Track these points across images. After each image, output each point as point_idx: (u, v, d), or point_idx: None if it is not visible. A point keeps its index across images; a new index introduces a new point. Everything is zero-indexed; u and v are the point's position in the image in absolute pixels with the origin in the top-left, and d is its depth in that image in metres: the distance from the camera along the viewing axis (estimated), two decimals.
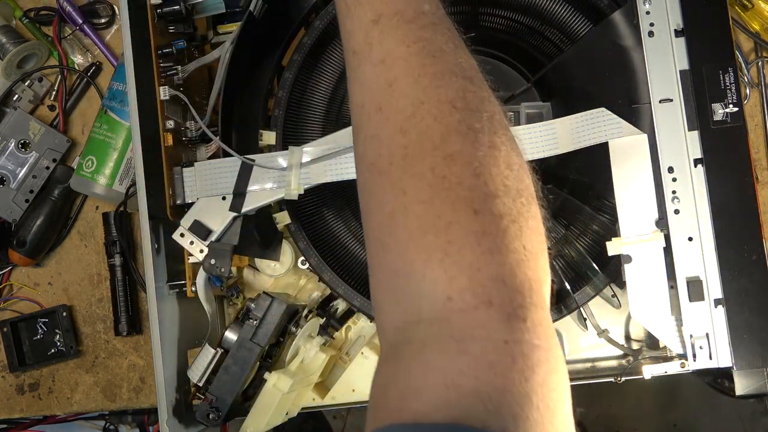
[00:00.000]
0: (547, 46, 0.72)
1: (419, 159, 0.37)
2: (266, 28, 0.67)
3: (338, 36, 0.71)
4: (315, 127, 0.72)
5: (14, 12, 0.84)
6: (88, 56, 0.84)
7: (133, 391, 0.82)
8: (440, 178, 0.36)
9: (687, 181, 0.62)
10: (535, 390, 0.33)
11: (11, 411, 0.83)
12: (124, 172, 0.77)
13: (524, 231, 0.36)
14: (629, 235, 0.62)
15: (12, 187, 0.80)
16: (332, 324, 0.73)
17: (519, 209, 0.37)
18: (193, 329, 0.68)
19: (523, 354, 0.33)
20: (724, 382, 0.63)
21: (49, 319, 0.82)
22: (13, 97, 0.82)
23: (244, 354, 0.62)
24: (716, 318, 0.61)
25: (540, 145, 0.63)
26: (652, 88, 0.62)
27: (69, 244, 0.83)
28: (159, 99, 0.61)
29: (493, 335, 0.33)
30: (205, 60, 0.66)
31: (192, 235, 0.62)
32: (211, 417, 0.62)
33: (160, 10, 0.62)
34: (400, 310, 0.37)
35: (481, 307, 0.34)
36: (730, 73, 0.62)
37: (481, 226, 0.35)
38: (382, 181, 0.38)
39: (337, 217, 0.72)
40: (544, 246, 0.38)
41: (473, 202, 0.36)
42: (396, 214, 0.37)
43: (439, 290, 0.35)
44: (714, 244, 0.61)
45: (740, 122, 0.62)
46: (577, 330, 0.75)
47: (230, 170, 0.61)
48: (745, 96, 0.76)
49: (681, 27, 0.63)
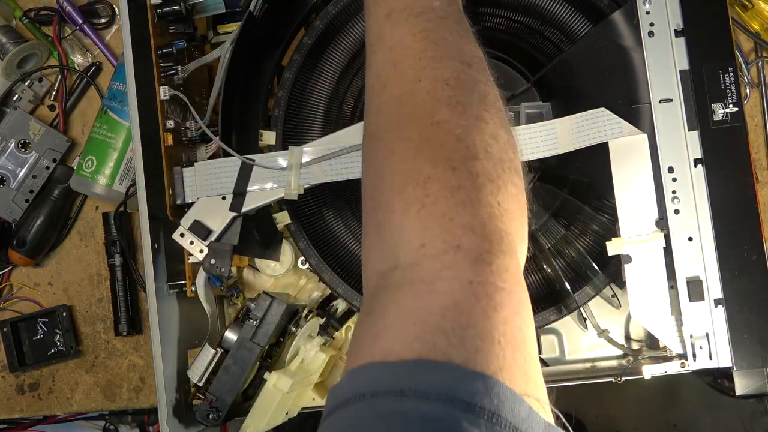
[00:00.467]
0: (547, 46, 0.72)
1: (409, 125, 0.41)
2: (266, 28, 0.67)
3: (338, 36, 0.72)
4: (315, 127, 0.72)
5: (14, 12, 0.84)
6: (88, 56, 0.84)
7: (133, 391, 0.82)
8: (425, 140, 0.40)
9: (687, 181, 0.62)
10: (496, 326, 0.35)
11: (11, 411, 0.83)
12: (124, 172, 0.77)
13: (501, 191, 0.39)
14: (629, 235, 0.62)
15: (12, 187, 0.80)
16: (332, 324, 0.73)
17: (498, 173, 0.40)
18: (193, 329, 0.68)
19: (487, 294, 0.36)
20: (724, 382, 0.63)
21: (49, 319, 0.82)
22: (13, 97, 0.82)
23: (244, 354, 0.62)
24: (716, 318, 0.61)
25: (540, 145, 0.63)
26: (652, 88, 0.62)
27: (69, 244, 0.83)
28: (159, 99, 0.61)
29: (459, 276, 0.36)
30: (205, 60, 0.66)
31: (192, 235, 0.62)
32: (211, 417, 0.62)
33: (160, 10, 0.62)
34: (381, 258, 0.40)
35: (449, 252, 0.36)
36: (730, 73, 0.62)
37: (457, 181, 0.38)
38: (377, 146, 0.42)
39: (337, 217, 0.72)
40: (522, 211, 0.41)
41: (452, 161, 0.39)
42: (384, 172, 0.41)
43: (414, 238, 0.38)
44: (714, 244, 0.61)
45: (740, 122, 0.62)
46: (577, 330, 0.75)
47: (230, 170, 0.61)
48: (745, 96, 0.76)
49: (681, 27, 0.63)
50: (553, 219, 0.70)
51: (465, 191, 0.38)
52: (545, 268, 0.69)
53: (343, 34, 0.71)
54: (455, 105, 0.41)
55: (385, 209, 0.40)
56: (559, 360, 0.76)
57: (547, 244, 0.69)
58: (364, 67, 0.74)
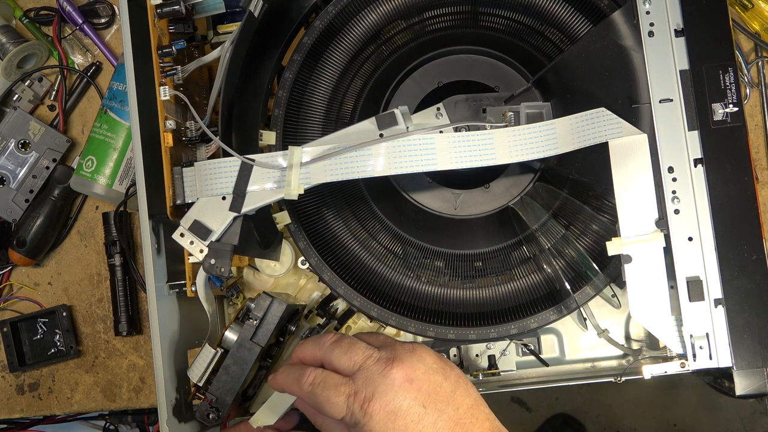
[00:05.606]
0: (547, 46, 0.72)
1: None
2: (266, 28, 0.68)
3: (338, 36, 0.72)
4: (315, 127, 0.72)
5: (14, 12, 0.84)
6: (88, 56, 0.84)
7: (133, 391, 0.82)
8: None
9: (687, 181, 0.62)
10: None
11: (11, 411, 0.83)
12: (124, 172, 0.77)
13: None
14: (629, 235, 0.62)
15: (12, 187, 0.80)
16: (332, 324, 0.73)
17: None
18: (193, 329, 0.68)
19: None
20: (724, 382, 0.63)
21: (49, 319, 0.82)
22: (13, 97, 0.82)
23: (244, 354, 0.62)
24: (716, 318, 0.61)
25: (540, 145, 0.63)
26: (652, 88, 0.62)
27: (69, 244, 0.83)
28: (159, 99, 0.61)
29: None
30: (205, 60, 0.66)
31: (192, 235, 0.62)
32: (211, 417, 0.62)
33: (160, 10, 0.62)
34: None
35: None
36: (730, 73, 0.62)
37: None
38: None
39: (337, 217, 0.72)
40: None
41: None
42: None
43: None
44: (714, 244, 0.61)
45: (740, 122, 0.62)
46: (577, 330, 0.75)
47: (230, 170, 0.61)
48: (745, 96, 0.76)
49: (681, 27, 0.63)
50: (553, 219, 0.70)
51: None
52: (545, 268, 0.69)
53: (343, 34, 0.71)
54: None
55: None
56: (559, 360, 0.76)
57: (547, 244, 0.69)
58: (364, 67, 0.75)
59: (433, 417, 0.51)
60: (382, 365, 0.53)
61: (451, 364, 0.55)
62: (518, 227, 0.72)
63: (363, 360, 0.54)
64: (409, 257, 0.72)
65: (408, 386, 0.52)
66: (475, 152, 0.62)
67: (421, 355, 0.54)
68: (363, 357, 0.54)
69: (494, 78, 0.75)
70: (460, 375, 0.55)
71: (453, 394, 0.53)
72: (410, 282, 0.70)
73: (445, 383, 0.53)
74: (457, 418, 0.52)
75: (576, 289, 0.66)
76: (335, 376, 0.54)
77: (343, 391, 0.53)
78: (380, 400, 0.51)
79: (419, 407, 0.51)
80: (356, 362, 0.54)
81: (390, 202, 0.75)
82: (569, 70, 0.68)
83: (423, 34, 0.75)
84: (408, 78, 0.76)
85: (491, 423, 0.53)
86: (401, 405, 0.51)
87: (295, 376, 0.57)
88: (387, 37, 0.74)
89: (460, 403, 0.53)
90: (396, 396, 0.51)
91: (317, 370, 0.55)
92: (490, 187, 0.75)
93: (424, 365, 0.53)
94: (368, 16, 0.70)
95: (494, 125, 0.65)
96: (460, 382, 0.54)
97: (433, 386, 0.52)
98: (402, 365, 0.52)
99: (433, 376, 0.53)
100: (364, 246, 0.71)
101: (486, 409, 0.54)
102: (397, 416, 0.51)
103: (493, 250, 0.73)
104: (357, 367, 0.54)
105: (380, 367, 0.53)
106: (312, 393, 0.55)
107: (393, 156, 0.60)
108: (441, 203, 0.75)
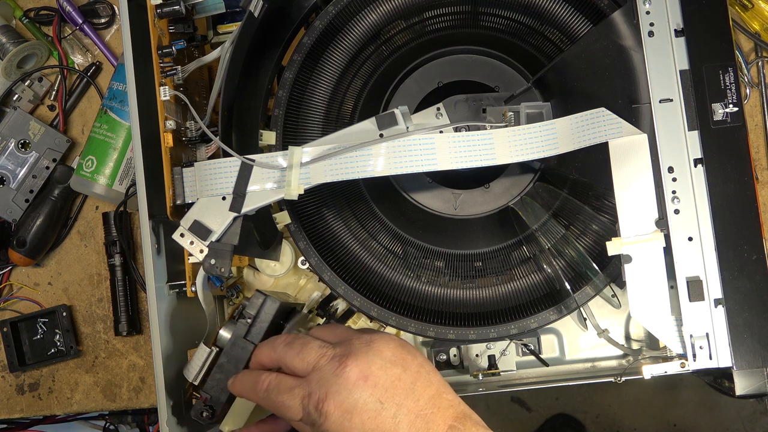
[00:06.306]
0: (547, 46, 0.72)
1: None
2: (266, 28, 0.67)
3: (338, 36, 0.72)
4: (315, 127, 0.72)
5: (14, 12, 0.84)
6: (88, 56, 0.84)
7: (133, 391, 0.82)
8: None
9: (687, 181, 0.62)
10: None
11: (11, 411, 0.83)
12: (124, 172, 0.77)
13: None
14: (629, 235, 0.62)
15: (12, 187, 0.80)
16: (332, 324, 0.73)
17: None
18: (193, 329, 0.68)
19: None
20: (724, 382, 0.63)
21: (49, 319, 0.82)
22: (13, 97, 0.82)
23: (238, 352, 0.62)
24: (716, 318, 0.61)
25: (540, 145, 0.63)
26: (652, 88, 0.62)
27: (69, 244, 0.83)
28: (159, 99, 0.61)
29: None
30: (205, 60, 0.66)
31: (192, 235, 0.62)
32: (205, 415, 0.62)
33: (160, 10, 0.62)
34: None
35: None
36: (730, 73, 0.62)
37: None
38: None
39: (337, 217, 0.72)
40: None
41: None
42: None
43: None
44: (714, 244, 0.61)
45: (740, 122, 0.62)
46: (577, 330, 0.75)
47: (230, 170, 0.61)
48: (745, 96, 0.76)
49: (681, 27, 0.63)
50: (553, 219, 0.70)
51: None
52: (545, 268, 0.69)
53: (342, 34, 0.71)
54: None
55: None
56: (559, 360, 0.76)
57: (547, 244, 0.69)
58: (364, 67, 0.75)
59: (392, 411, 0.50)
60: (336, 364, 0.52)
61: (413, 353, 0.54)
62: (518, 227, 0.72)
63: (316, 360, 0.53)
64: (409, 257, 0.73)
65: (363, 383, 0.51)
66: (475, 152, 0.62)
67: (379, 347, 0.53)
68: (316, 357, 0.53)
69: (494, 78, 0.75)
70: (422, 364, 0.53)
71: (413, 385, 0.52)
72: (410, 282, 0.71)
73: (404, 375, 0.52)
74: (417, 409, 0.51)
75: (576, 289, 0.66)
76: (289, 379, 0.54)
77: (297, 394, 0.52)
78: (334, 399, 0.51)
79: (376, 403, 0.50)
80: (309, 362, 0.53)
81: (390, 202, 0.75)
82: (569, 70, 0.68)
83: (423, 34, 0.75)
84: (408, 78, 0.76)
85: (455, 409, 0.52)
86: (356, 402, 0.50)
87: (250, 383, 0.56)
88: (387, 37, 0.74)
89: (421, 394, 0.52)
90: (351, 394, 0.51)
91: (271, 375, 0.55)
92: (490, 187, 0.75)
93: (380, 359, 0.52)
94: (368, 16, 0.70)
95: (494, 125, 0.66)
96: (421, 372, 0.53)
97: (390, 380, 0.51)
98: (356, 362, 0.52)
99: (390, 369, 0.52)
100: (364, 246, 0.71)
101: (449, 396, 0.53)
102: (353, 414, 0.50)
103: (493, 250, 0.73)
104: (311, 367, 0.53)
105: (333, 366, 0.52)
106: (267, 398, 0.54)
107: (393, 156, 0.60)
108: (441, 203, 0.75)
